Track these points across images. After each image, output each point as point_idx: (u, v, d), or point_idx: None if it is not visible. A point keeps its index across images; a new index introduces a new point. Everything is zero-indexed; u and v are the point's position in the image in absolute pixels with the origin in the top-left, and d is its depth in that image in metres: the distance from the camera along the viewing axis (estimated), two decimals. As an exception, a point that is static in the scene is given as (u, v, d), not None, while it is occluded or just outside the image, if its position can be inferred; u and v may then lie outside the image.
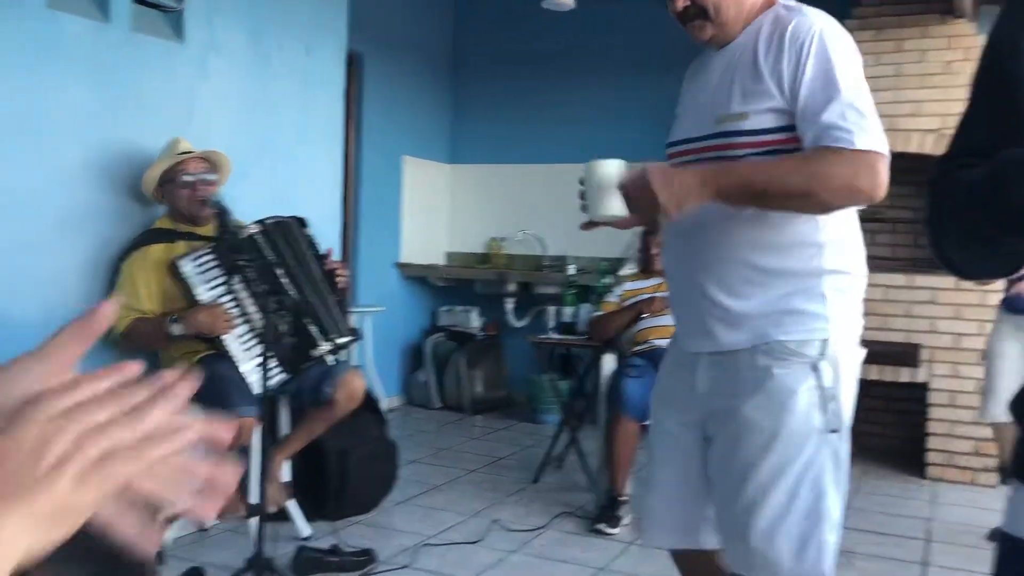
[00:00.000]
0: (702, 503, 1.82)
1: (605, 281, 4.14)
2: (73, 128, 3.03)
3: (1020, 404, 0.94)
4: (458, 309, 6.07)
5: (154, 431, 0.47)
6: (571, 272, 5.50)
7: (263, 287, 3.01)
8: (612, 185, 1.70)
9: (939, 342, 4.45)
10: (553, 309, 4.76)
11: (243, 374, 2.97)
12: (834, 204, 1.60)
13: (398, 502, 3.80)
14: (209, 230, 3.08)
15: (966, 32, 4.57)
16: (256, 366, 2.95)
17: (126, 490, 0.46)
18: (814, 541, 1.65)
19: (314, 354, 3.14)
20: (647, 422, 2.99)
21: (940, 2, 4.55)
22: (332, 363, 3.29)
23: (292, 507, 3.35)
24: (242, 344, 3.01)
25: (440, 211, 6.47)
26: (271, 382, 2.82)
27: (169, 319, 2.91)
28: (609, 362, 3.93)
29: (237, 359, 2.98)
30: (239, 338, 3.01)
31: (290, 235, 3.20)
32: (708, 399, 1.77)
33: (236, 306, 3.01)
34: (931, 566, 3.30)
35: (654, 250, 3.96)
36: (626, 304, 3.97)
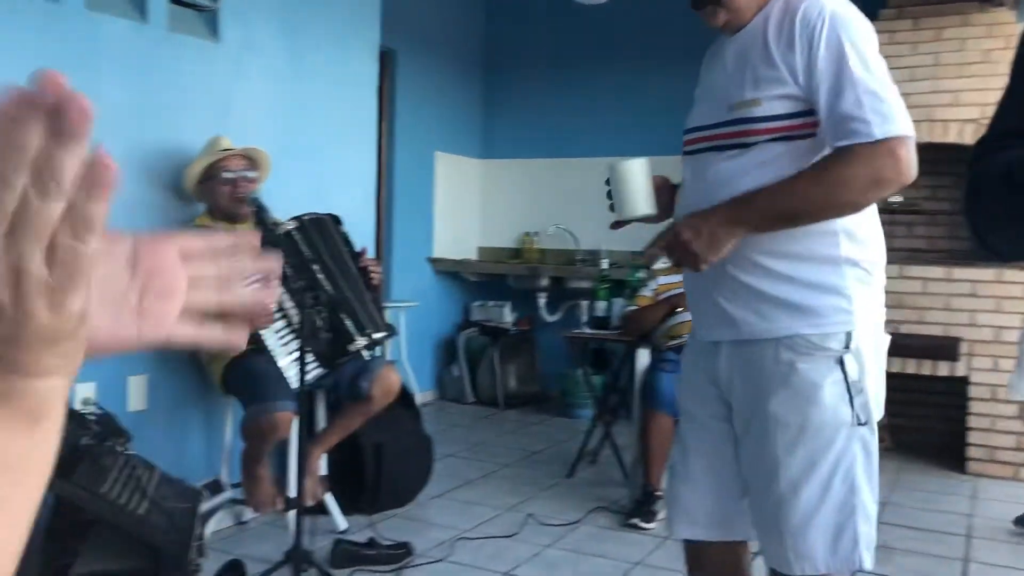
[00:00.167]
0: (734, 495, 1.81)
1: (639, 275, 4.12)
2: (112, 127, 3.08)
3: None
4: (491, 304, 6.09)
5: (72, 183, 0.39)
6: (604, 266, 5.48)
7: (300, 283, 3.03)
8: (638, 184, 1.70)
9: (979, 335, 4.38)
10: (586, 303, 4.76)
11: (281, 369, 3.00)
12: (865, 203, 1.61)
13: (433, 496, 3.83)
14: (247, 227, 3.11)
15: (1006, 20, 4.48)
16: (293, 361, 2.98)
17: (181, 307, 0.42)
18: (848, 532, 1.65)
19: (350, 349, 3.16)
20: (682, 416, 2.98)
21: (979, -11, 4.49)
22: (368, 358, 3.32)
23: (329, 501, 3.38)
24: (280, 339, 3.04)
25: (472, 206, 6.49)
26: (308, 377, 2.85)
27: None
28: (643, 357, 3.92)
29: (275, 354, 3.01)
30: (277, 333, 3.04)
31: (326, 232, 3.22)
32: (732, 392, 1.76)
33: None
34: (972, 562, 3.25)
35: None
36: (661, 298, 3.95)
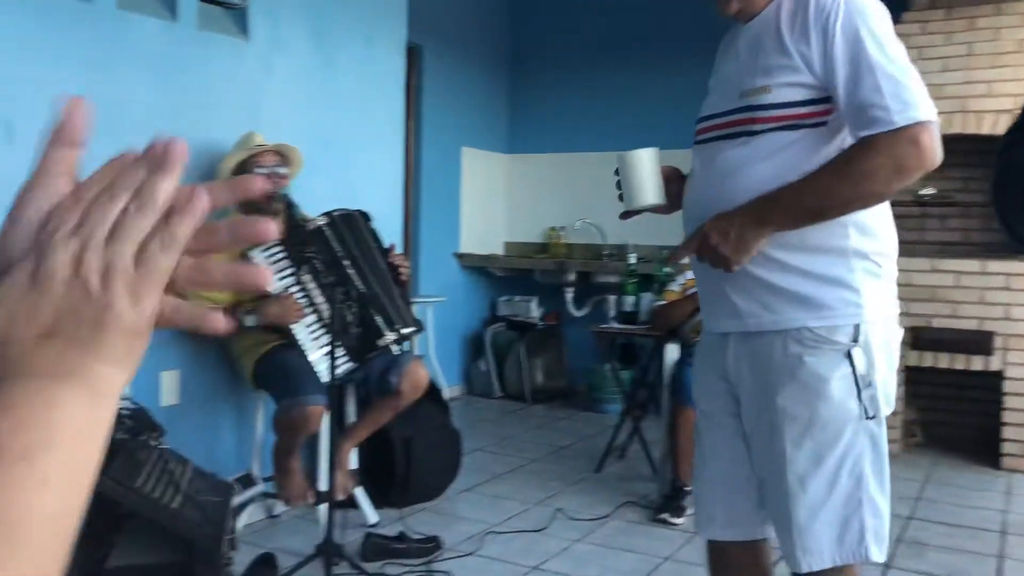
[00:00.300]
0: (751, 493, 1.80)
1: (666, 270, 4.10)
2: (143, 125, 3.10)
3: None
4: (518, 299, 6.09)
5: (171, 207, 0.43)
6: (631, 261, 5.46)
7: (330, 278, 3.06)
8: (646, 173, 1.70)
9: (1014, 329, 4.31)
10: (613, 298, 4.74)
11: (312, 363, 3.03)
12: (890, 193, 1.60)
13: (462, 490, 3.84)
14: (277, 223, 3.14)
15: (1042, 8, 4.41)
16: (324, 355, 3.01)
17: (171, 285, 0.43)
18: (855, 525, 1.64)
19: (380, 344, 3.19)
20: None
21: (1014, -22, 4.41)
22: (397, 353, 3.34)
23: (360, 494, 3.41)
24: (310, 334, 3.07)
25: (499, 201, 6.49)
26: (339, 371, 2.87)
27: (242, 311, 2.98)
28: (672, 352, 3.91)
29: (306, 348, 3.04)
30: (307, 328, 3.07)
31: (356, 228, 3.24)
32: (740, 386, 1.75)
33: (304, 296, 3.07)
34: (1008, 559, 3.21)
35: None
36: (689, 293, 3.93)
